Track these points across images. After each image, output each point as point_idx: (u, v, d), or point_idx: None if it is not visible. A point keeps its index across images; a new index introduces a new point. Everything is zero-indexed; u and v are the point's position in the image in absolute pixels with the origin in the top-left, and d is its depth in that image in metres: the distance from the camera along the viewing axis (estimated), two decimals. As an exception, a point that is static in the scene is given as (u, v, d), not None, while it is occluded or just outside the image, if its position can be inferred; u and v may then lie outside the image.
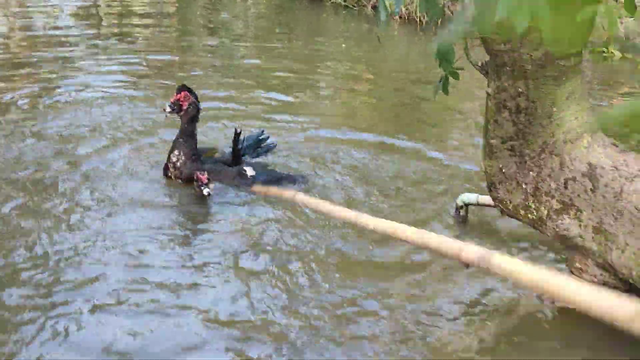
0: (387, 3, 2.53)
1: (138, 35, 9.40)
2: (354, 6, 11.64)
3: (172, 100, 4.54)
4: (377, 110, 6.56)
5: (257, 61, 8.20)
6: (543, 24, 2.39)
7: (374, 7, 11.24)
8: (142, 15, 11.11)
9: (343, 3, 11.74)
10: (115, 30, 9.81)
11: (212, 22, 10.96)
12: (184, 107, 4.51)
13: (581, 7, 2.37)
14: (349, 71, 7.98)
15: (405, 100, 6.77)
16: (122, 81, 6.84)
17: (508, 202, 2.96)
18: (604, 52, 9.25)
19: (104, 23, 10.43)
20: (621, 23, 8.48)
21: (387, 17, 2.47)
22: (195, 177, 4.17)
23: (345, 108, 6.51)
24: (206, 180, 4.13)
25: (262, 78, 7.26)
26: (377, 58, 8.82)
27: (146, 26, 10.14)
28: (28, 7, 11.34)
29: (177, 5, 12.37)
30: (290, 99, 6.52)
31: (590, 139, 2.58)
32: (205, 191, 4.12)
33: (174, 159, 4.48)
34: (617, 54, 9.14)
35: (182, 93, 4.51)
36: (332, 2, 11.86)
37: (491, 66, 2.66)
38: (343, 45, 9.50)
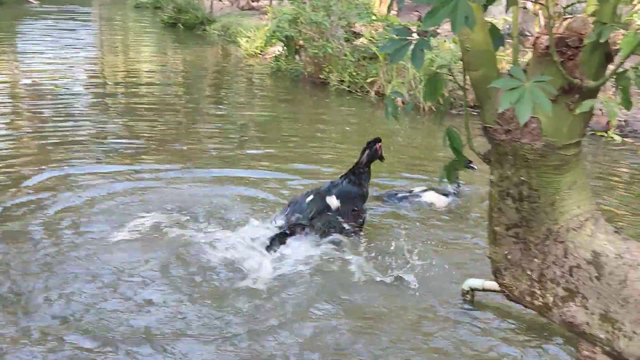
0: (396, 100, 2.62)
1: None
2: (358, 91, 11.90)
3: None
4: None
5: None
6: (543, 116, 2.47)
7: (377, 93, 11.49)
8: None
9: (347, 89, 12.02)
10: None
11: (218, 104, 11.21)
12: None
13: (580, 100, 2.47)
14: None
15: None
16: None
17: (514, 288, 2.96)
18: (603, 136, 9.41)
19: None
20: (620, 110, 8.66)
21: (394, 113, 2.56)
22: None
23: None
24: None
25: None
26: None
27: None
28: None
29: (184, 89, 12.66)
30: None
31: (594, 227, 2.61)
32: None
33: None
34: (618, 139, 9.30)
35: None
36: (337, 88, 12.13)
37: (493, 155, 2.72)
38: (347, 128, 9.68)
